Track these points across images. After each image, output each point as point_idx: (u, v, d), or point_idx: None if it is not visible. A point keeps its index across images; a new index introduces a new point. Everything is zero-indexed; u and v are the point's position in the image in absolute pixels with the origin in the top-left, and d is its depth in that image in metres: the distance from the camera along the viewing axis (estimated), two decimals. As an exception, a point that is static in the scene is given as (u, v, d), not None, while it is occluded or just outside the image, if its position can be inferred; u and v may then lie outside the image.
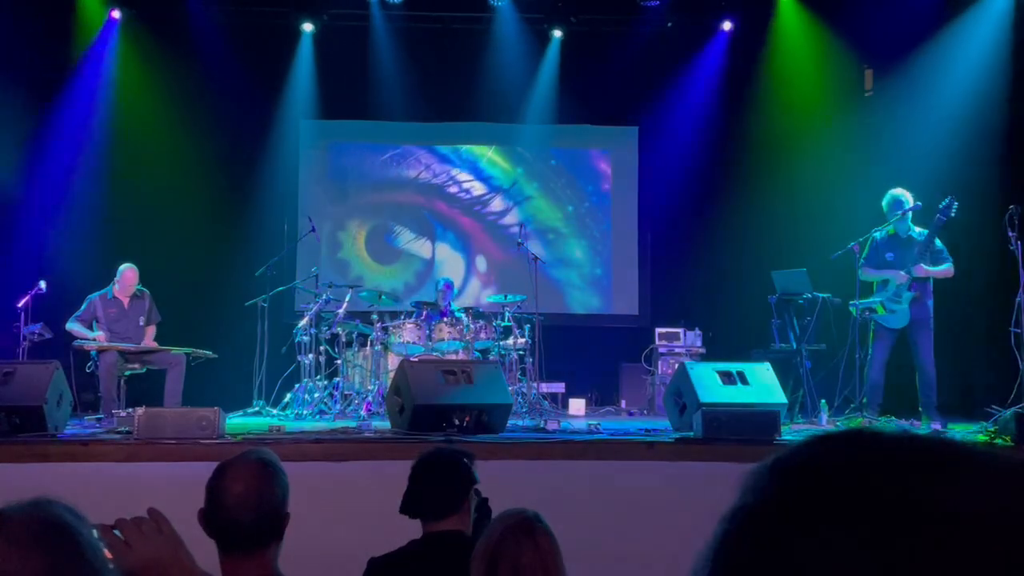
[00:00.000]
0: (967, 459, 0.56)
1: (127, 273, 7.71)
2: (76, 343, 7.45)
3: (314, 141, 10.65)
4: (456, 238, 10.71)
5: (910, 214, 7.05)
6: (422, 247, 10.68)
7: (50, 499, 1.26)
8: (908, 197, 7.07)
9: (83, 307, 7.62)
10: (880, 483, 0.54)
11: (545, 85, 10.37)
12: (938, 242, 7.00)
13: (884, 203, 7.15)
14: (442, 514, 2.84)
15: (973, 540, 0.51)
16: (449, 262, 10.63)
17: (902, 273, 6.97)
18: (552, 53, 10.32)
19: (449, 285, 9.18)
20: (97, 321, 7.60)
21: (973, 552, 0.50)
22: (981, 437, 5.87)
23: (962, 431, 6.34)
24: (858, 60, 9.54)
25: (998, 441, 5.63)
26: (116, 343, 7.48)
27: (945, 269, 7.00)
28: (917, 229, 7.09)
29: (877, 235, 7.14)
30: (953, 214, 6.76)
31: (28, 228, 8.88)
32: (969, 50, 8.60)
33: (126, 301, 7.73)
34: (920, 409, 7.01)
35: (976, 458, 0.56)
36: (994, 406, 6.35)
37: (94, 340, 7.43)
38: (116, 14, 9.68)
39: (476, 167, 10.80)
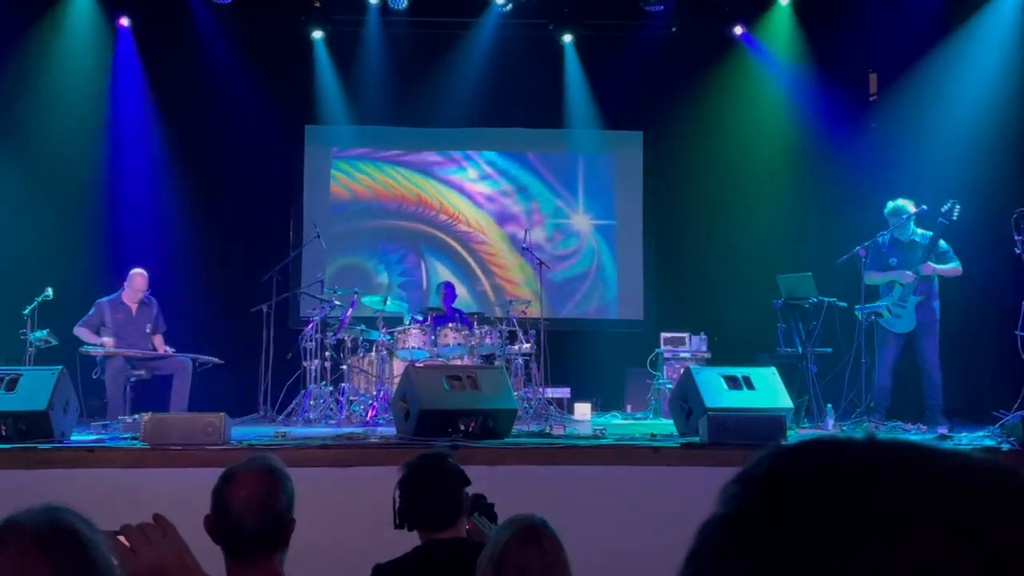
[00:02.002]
0: (928, 462, 0.56)
1: (136, 278, 7.75)
2: (83, 349, 7.47)
3: (318, 147, 10.66)
4: (460, 242, 10.70)
5: (912, 219, 7.10)
6: (425, 251, 10.67)
7: (60, 506, 1.26)
8: (909, 206, 7.16)
9: (91, 311, 7.64)
10: (842, 489, 0.55)
11: (550, 90, 10.36)
12: (943, 243, 7.08)
13: (886, 211, 7.25)
14: (446, 522, 2.83)
15: (933, 542, 0.51)
16: (453, 266, 10.63)
17: (908, 273, 7.02)
18: (560, 58, 10.31)
19: (450, 287, 9.19)
20: (104, 326, 7.62)
21: (933, 554, 0.51)
22: (988, 442, 5.85)
23: (969, 436, 6.32)
24: (863, 64, 9.52)
25: (1005, 446, 5.61)
26: (122, 348, 7.50)
27: (953, 267, 7.07)
28: (919, 232, 7.16)
29: (880, 239, 7.20)
30: (955, 217, 6.83)
31: (34, 234, 8.90)
32: (974, 53, 8.59)
33: (134, 307, 7.76)
34: (926, 413, 7.01)
35: (939, 461, 0.57)
36: (1001, 410, 6.34)
37: (100, 346, 7.45)
38: (124, 21, 9.70)
39: (480, 171, 10.80)
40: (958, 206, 6.84)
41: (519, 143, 10.78)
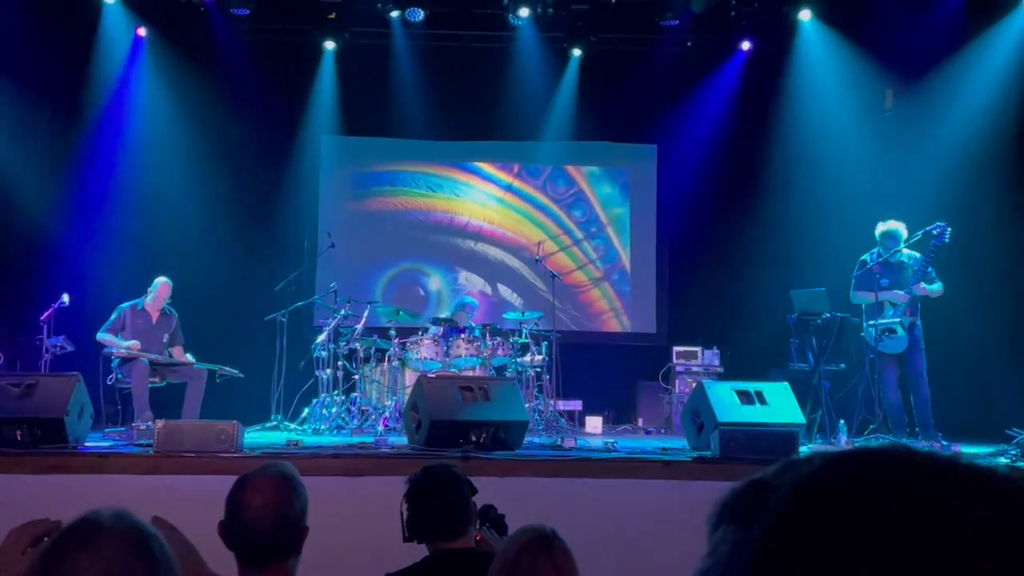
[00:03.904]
0: (991, 482, 0.54)
1: (162, 287, 7.81)
2: (107, 349, 7.53)
3: (334, 157, 10.72)
4: (474, 255, 10.73)
5: (903, 241, 7.17)
6: (440, 264, 10.70)
7: (128, 511, 1.31)
8: (903, 230, 7.24)
9: (113, 317, 7.69)
10: (914, 507, 0.51)
11: (564, 103, 10.39)
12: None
13: (877, 234, 7.30)
14: (455, 532, 2.83)
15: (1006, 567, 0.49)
16: (467, 279, 10.65)
17: (900, 293, 7.09)
18: (572, 71, 10.35)
19: (472, 306, 9.11)
20: (123, 331, 7.67)
21: None
22: (1002, 460, 5.82)
23: (983, 453, 6.29)
24: (879, 79, 9.52)
25: (1020, 464, 5.58)
26: (143, 352, 7.56)
27: (940, 288, 7.18)
28: (906, 251, 7.19)
29: (868, 259, 7.25)
30: (947, 240, 6.87)
31: (52, 242, 8.98)
32: (990, 69, 8.58)
33: (155, 315, 7.81)
34: (918, 428, 7.03)
35: (997, 481, 0.54)
36: (1015, 428, 6.31)
37: (127, 349, 7.48)
38: (142, 32, 9.81)
39: (494, 184, 10.83)
40: (949, 229, 6.89)
41: (533, 156, 10.80)
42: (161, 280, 7.85)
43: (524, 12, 9.66)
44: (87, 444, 5.92)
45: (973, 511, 0.51)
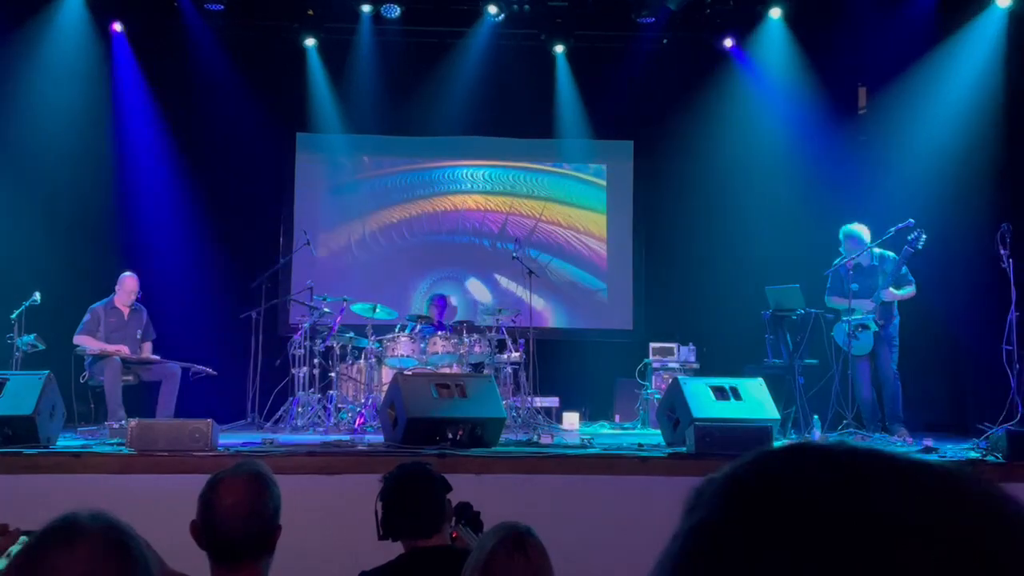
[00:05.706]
0: (916, 471, 0.55)
1: (127, 281, 7.74)
2: (79, 349, 7.45)
3: (309, 154, 10.66)
4: (451, 251, 10.71)
5: (870, 245, 7.24)
6: (417, 261, 10.67)
7: (106, 512, 1.31)
8: (865, 232, 7.32)
9: (87, 317, 7.61)
10: (833, 496, 0.53)
11: (542, 99, 10.39)
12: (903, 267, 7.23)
13: (841, 237, 7.39)
14: (430, 530, 2.83)
15: (929, 554, 0.50)
16: (444, 276, 10.63)
17: (867, 301, 7.18)
18: (553, 68, 10.35)
19: (443, 300, 9.16)
20: (98, 330, 7.59)
21: (929, 566, 0.50)
22: (973, 454, 5.90)
23: (954, 448, 6.36)
24: (852, 78, 9.59)
25: (989, 458, 5.65)
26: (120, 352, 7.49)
27: (910, 292, 7.27)
28: (877, 251, 7.26)
29: (840, 263, 7.33)
30: (920, 247, 6.94)
31: (22, 240, 8.87)
32: (962, 67, 8.67)
33: (126, 312, 7.74)
34: (887, 423, 7.11)
35: (925, 470, 0.56)
36: (986, 423, 6.38)
37: (114, 351, 7.41)
38: (118, 27, 9.69)
39: (471, 181, 10.82)
40: (924, 235, 6.96)
41: (510, 152, 10.80)
42: (126, 274, 7.79)
43: (493, 9, 9.67)
44: (59, 443, 5.86)
45: (902, 501, 0.53)
